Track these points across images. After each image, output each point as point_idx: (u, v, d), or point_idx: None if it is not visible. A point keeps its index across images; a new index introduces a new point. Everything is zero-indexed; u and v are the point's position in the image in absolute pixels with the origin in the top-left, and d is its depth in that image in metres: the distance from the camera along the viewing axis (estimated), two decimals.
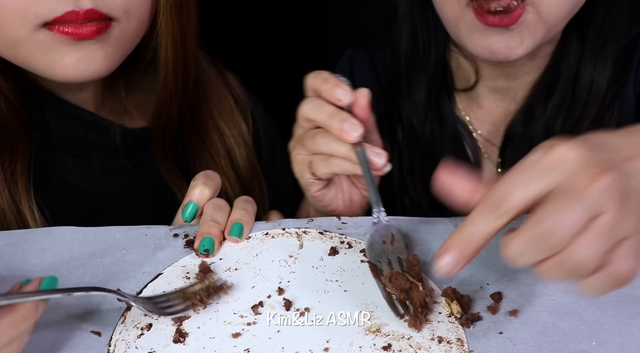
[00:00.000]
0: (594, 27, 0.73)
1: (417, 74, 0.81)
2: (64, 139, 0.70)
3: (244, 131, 0.82)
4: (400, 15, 0.80)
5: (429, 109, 0.81)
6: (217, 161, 0.78)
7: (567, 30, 0.74)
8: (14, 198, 0.64)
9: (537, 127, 0.77)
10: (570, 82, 0.75)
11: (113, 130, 0.72)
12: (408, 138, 0.82)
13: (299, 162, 0.62)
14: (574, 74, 0.75)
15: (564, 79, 0.75)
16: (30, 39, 0.59)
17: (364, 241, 0.57)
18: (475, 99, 0.82)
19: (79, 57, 0.60)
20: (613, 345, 0.46)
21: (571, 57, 0.75)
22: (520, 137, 0.78)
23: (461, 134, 0.82)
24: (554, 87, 0.76)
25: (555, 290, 0.51)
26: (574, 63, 0.75)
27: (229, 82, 0.84)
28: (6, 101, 0.64)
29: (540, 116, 0.77)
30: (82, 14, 0.58)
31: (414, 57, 0.80)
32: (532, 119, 0.77)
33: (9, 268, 0.54)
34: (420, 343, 0.46)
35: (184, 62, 0.70)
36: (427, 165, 0.82)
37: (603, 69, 0.74)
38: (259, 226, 0.59)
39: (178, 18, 0.67)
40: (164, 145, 0.75)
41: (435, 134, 0.82)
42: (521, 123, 0.78)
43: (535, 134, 0.77)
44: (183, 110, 0.74)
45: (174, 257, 0.56)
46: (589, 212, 0.39)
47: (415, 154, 0.83)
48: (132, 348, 0.47)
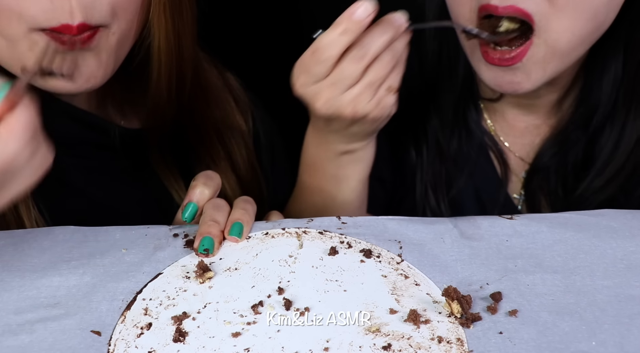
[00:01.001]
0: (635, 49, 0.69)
1: (443, 90, 0.79)
2: (61, 139, 0.69)
3: (244, 132, 0.82)
4: (428, 30, 0.78)
5: (455, 124, 0.79)
6: (217, 162, 0.78)
7: (604, 52, 0.70)
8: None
9: (569, 157, 0.76)
10: (609, 112, 0.72)
11: (112, 130, 0.72)
12: (433, 155, 0.80)
13: (385, 101, 0.60)
14: (613, 103, 0.71)
15: (603, 109, 0.72)
16: (25, 38, 0.58)
17: (364, 241, 0.57)
18: (500, 111, 0.80)
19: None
20: (613, 345, 0.46)
21: (610, 84, 0.71)
22: (549, 166, 0.77)
23: (487, 144, 0.80)
24: (590, 119, 0.73)
25: (555, 290, 0.51)
26: (613, 90, 0.71)
27: (229, 83, 0.83)
28: None
29: (573, 148, 0.75)
30: (75, 28, 0.57)
31: (441, 71, 0.79)
32: (567, 151, 0.76)
33: (9, 268, 0.54)
34: (420, 343, 0.46)
35: (178, 63, 0.69)
36: (452, 180, 0.81)
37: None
38: (258, 226, 0.59)
39: (172, 18, 0.65)
40: (161, 147, 0.74)
41: (463, 147, 0.80)
42: (552, 155, 0.76)
43: (566, 163, 0.76)
44: (182, 111, 0.74)
45: (173, 257, 0.56)
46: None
47: (440, 171, 0.81)
48: (132, 347, 0.47)
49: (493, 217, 0.60)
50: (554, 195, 0.77)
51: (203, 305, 0.51)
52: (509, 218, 0.59)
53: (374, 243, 0.56)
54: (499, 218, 0.59)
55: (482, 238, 0.57)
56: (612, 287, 0.51)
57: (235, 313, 0.50)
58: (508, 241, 0.57)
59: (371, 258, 0.55)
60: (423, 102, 0.81)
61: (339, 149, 0.66)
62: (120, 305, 0.51)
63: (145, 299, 0.51)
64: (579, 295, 0.51)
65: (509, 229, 0.58)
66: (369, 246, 0.56)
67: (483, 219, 0.59)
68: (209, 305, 0.50)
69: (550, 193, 0.78)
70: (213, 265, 0.54)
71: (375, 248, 0.56)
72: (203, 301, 0.51)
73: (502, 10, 0.61)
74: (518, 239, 0.57)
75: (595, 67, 0.72)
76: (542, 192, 0.78)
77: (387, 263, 0.54)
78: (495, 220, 0.59)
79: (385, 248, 0.56)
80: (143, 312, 0.50)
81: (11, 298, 0.51)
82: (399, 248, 0.56)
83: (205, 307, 0.50)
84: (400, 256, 0.55)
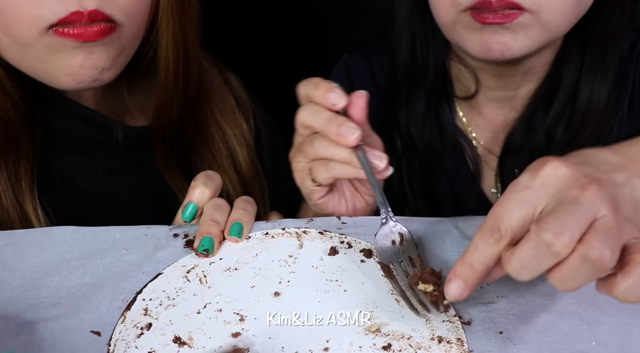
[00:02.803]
0: (595, 35, 0.73)
1: (415, 84, 0.80)
2: (67, 137, 0.70)
3: (245, 131, 0.82)
4: (399, 25, 0.80)
5: (428, 119, 0.81)
6: (219, 161, 0.78)
7: (568, 39, 0.74)
8: (18, 197, 0.64)
9: (537, 136, 0.77)
10: (571, 90, 0.75)
11: (115, 128, 0.72)
12: (407, 148, 0.82)
13: (299, 170, 0.62)
14: (574, 83, 0.75)
15: (565, 88, 0.75)
16: (37, 44, 0.59)
17: (364, 241, 0.57)
18: (475, 107, 0.81)
19: (83, 58, 0.60)
20: (613, 345, 0.46)
21: (572, 65, 0.74)
22: (520, 146, 0.78)
23: (461, 143, 0.81)
24: (554, 96, 0.76)
25: (555, 290, 0.51)
26: (574, 71, 0.74)
27: (231, 83, 0.84)
28: (11, 100, 0.64)
29: (540, 125, 0.77)
30: (86, 15, 0.58)
31: (413, 66, 0.80)
32: (532, 128, 0.77)
33: (9, 268, 0.54)
34: (420, 343, 0.46)
35: (185, 63, 0.70)
36: (427, 175, 0.82)
37: (604, 78, 0.73)
38: (258, 226, 0.59)
39: (179, 18, 0.67)
40: (165, 145, 0.75)
41: (435, 143, 0.81)
42: (521, 132, 0.78)
43: (535, 143, 0.77)
44: (185, 110, 0.74)
45: (173, 257, 0.56)
46: (587, 216, 0.39)
47: (415, 165, 0.82)
48: (132, 348, 0.47)
49: None
50: None
51: (203, 305, 0.51)
52: None
53: (374, 244, 0.56)
54: None
55: None
56: None
57: (236, 313, 0.50)
58: None
59: (371, 258, 0.55)
60: (397, 99, 0.82)
61: None
62: (120, 305, 0.51)
63: (145, 299, 0.51)
64: (579, 295, 0.51)
65: None
66: (369, 246, 0.56)
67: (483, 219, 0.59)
68: (209, 305, 0.50)
69: None
70: (213, 265, 0.54)
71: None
72: (203, 301, 0.51)
73: (496, 3, 0.64)
74: None
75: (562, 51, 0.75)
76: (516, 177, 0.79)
77: None
78: None
79: None
80: (143, 312, 0.50)
81: (11, 299, 0.51)
82: None
83: (205, 307, 0.50)
84: None
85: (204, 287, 0.52)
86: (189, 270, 0.54)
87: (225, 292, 0.52)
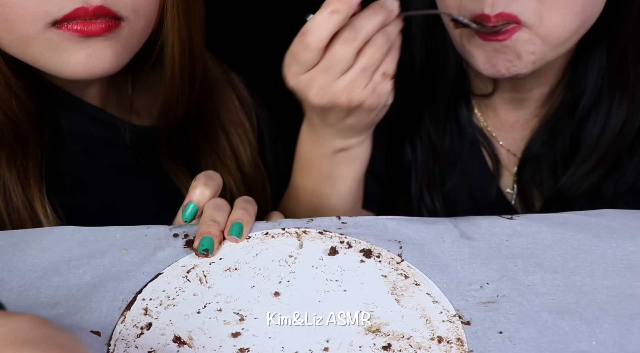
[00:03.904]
0: (619, 39, 0.71)
1: (434, 87, 0.80)
2: (75, 136, 0.70)
3: (248, 130, 0.82)
4: (415, 32, 0.79)
5: (447, 121, 0.80)
6: (223, 160, 0.79)
7: (590, 43, 0.72)
8: (27, 196, 0.64)
9: (560, 143, 0.77)
10: (594, 99, 0.73)
11: (122, 127, 0.72)
12: (427, 153, 0.81)
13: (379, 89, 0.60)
14: (598, 90, 0.73)
15: (589, 96, 0.73)
16: (40, 38, 0.59)
17: (364, 241, 0.57)
18: (491, 106, 0.81)
19: (87, 54, 0.60)
20: (613, 345, 0.46)
21: (595, 72, 0.73)
22: (541, 154, 0.78)
23: (479, 141, 0.81)
24: (576, 106, 0.74)
25: (556, 290, 0.51)
26: (598, 78, 0.73)
27: (234, 83, 0.84)
28: (17, 99, 0.63)
29: (561, 136, 0.76)
30: (92, 11, 0.58)
31: (431, 70, 0.80)
32: (555, 139, 0.77)
33: (9, 268, 0.54)
34: (420, 343, 0.46)
35: (190, 61, 0.70)
36: (446, 177, 0.82)
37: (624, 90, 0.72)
38: (258, 226, 0.59)
39: (185, 16, 0.67)
40: (171, 144, 0.75)
41: (455, 144, 0.81)
42: (541, 144, 0.78)
43: (558, 149, 0.77)
44: (190, 109, 0.74)
45: (174, 257, 0.56)
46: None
47: (434, 170, 0.82)
48: (132, 347, 0.47)
49: (493, 217, 0.60)
50: (545, 185, 0.79)
51: (203, 305, 0.51)
52: (509, 218, 0.59)
53: (373, 243, 0.56)
54: (499, 218, 0.59)
55: (482, 238, 0.57)
56: (612, 286, 0.51)
57: (236, 313, 0.50)
58: (508, 241, 0.57)
59: (371, 258, 0.55)
60: (416, 100, 0.81)
61: (334, 145, 0.66)
62: (120, 305, 0.51)
63: (145, 299, 0.51)
64: (579, 295, 0.51)
65: (509, 229, 0.58)
66: (369, 246, 0.56)
67: (483, 219, 0.59)
68: (209, 305, 0.50)
69: (542, 184, 0.79)
70: (213, 265, 0.54)
71: (375, 248, 0.56)
72: (203, 301, 0.51)
73: (494, 19, 0.63)
74: (518, 239, 0.57)
75: (581, 58, 0.74)
76: (535, 183, 0.79)
77: (387, 263, 0.54)
78: (495, 220, 0.59)
79: (385, 248, 0.56)
80: (143, 312, 0.50)
81: (11, 298, 0.51)
82: (399, 248, 0.56)
83: (205, 307, 0.50)
84: (400, 256, 0.55)
85: (204, 287, 0.52)
86: (189, 270, 0.54)
87: (225, 291, 0.52)
